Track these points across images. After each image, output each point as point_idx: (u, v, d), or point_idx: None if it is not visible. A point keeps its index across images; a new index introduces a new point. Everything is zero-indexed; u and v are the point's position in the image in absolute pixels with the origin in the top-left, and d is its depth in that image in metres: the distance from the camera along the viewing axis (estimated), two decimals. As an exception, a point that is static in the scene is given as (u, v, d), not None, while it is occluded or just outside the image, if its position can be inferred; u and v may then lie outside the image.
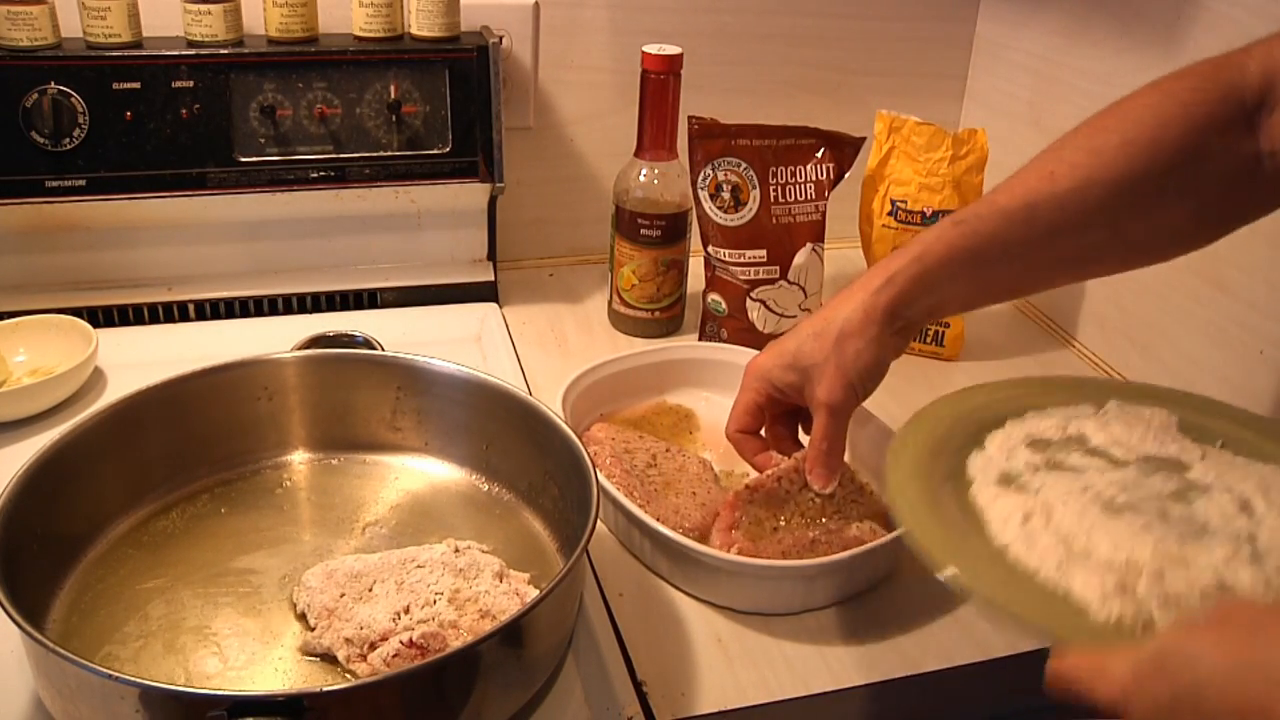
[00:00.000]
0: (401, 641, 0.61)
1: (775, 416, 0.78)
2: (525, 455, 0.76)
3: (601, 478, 0.72)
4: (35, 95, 0.91)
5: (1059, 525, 0.59)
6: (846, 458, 0.76)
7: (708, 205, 1.00)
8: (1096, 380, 0.79)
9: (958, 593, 0.57)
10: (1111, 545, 0.57)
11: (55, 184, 0.94)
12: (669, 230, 1.01)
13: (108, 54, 0.94)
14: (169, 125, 0.96)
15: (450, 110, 1.02)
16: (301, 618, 0.66)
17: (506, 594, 0.65)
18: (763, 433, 0.78)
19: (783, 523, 0.74)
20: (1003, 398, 0.72)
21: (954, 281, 0.70)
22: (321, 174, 1.01)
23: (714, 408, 0.93)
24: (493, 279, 1.10)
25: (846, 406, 0.71)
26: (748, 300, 1.01)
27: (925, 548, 0.57)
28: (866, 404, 0.75)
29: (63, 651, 0.52)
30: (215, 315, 1.03)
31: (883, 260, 0.71)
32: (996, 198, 0.70)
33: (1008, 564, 0.57)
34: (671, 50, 0.97)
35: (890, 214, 1.04)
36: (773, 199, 1.01)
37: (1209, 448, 0.66)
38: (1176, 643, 0.47)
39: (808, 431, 0.76)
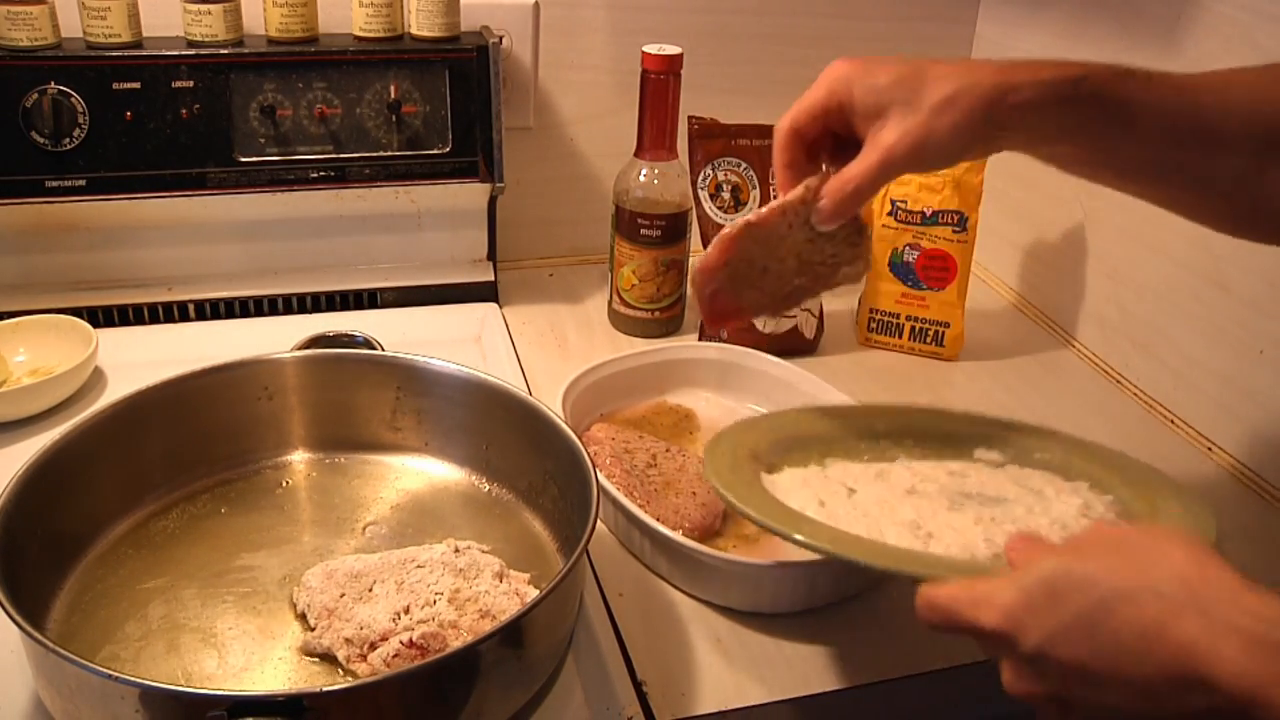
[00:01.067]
0: (401, 642, 0.61)
1: (820, 135, 0.68)
2: (525, 455, 0.76)
3: (601, 478, 0.72)
4: (35, 95, 0.91)
5: (860, 503, 0.66)
6: None
7: (708, 205, 1.00)
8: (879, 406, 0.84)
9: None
10: (915, 514, 0.65)
11: (55, 184, 0.94)
12: (669, 230, 1.01)
13: (108, 54, 0.94)
14: (169, 125, 0.96)
15: (450, 110, 1.02)
16: (301, 618, 0.66)
17: (506, 594, 0.65)
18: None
19: (773, 265, 0.70)
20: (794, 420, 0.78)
21: (1088, 124, 0.63)
22: (321, 174, 1.01)
23: (714, 408, 0.93)
24: (493, 279, 1.10)
25: (903, 165, 0.64)
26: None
27: (766, 517, 0.63)
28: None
29: (63, 651, 0.52)
30: (215, 315, 1.03)
31: (1035, 61, 0.64)
32: (1170, 75, 0.64)
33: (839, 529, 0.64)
34: (671, 50, 0.97)
35: (890, 214, 1.04)
36: (773, 199, 1.01)
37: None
38: (1066, 567, 0.49)
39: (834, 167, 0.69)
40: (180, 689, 0.56)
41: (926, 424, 0.77)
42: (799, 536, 0.61)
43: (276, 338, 0.94)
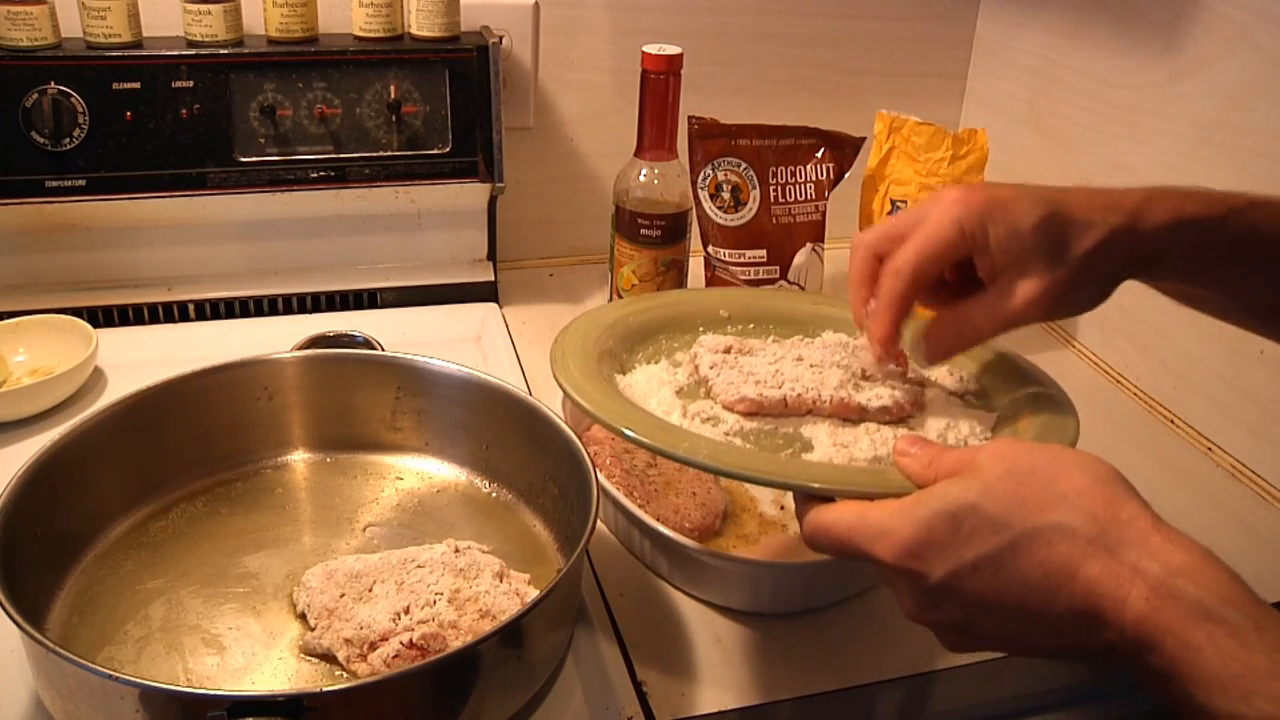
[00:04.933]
0: (402, 642, 0.61)
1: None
2: (525, 455, 0.76)
3: (601, 478, 0.72)
4: (35, 95, 0.91)
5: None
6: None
7: (708, 205, 1.00)
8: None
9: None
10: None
11: (55, 184, 0.94)
12: (669, 230, 1.01)
13: (108, 54, 0.94)
14: (169, 125, 0.96)
15: (450, 110, 1.02)
16: (301, 618, 0.66)
17: (506, 594, 0.65)
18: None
19: None
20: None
21: (1232, 261, 0.60)
22: (321, 174, 1.01)
23: (714, 408, 0.93)
24: (493, 279, 1.10)
25: (1038, 318, 0.59)
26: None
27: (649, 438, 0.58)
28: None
29: (63, 651, 0.52)
30: (215, 315, 1.03)
31: (1175, 193, 0.58)
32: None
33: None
34: (671, 50, 0.97)
35: (890, 214, 1.04)
36: (773, 199, 1.01)
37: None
38: (971, 503, 0.48)
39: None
40: (180, 689, 0.56)
41: (770, 306, 0.77)
42: (657, 445, 0.58)
43: (276, 338, 0.94)
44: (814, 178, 1.02)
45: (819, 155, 1.02)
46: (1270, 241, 0.60)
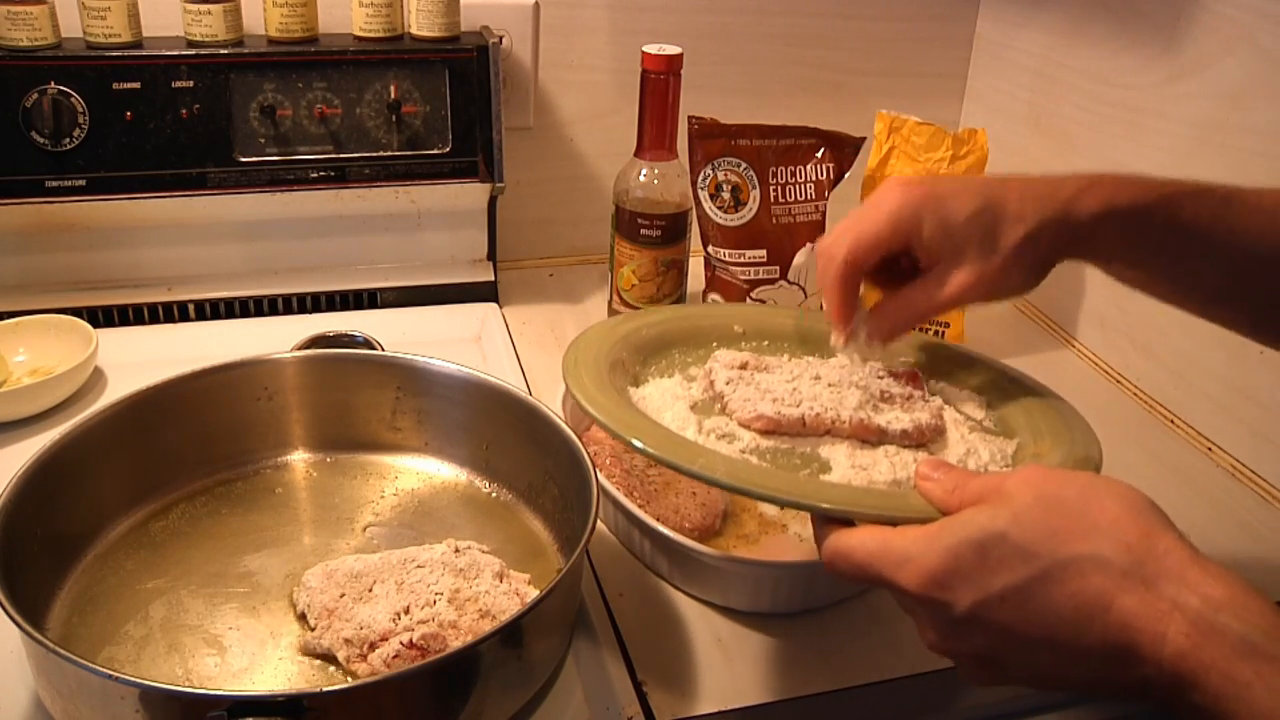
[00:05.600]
0: (402, 642, 0.61)
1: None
2: (525, 455, 0.76)
3: (601, 478, 0.72)
4: (35, 95, 0.91)
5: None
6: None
7: (708, 205, 1.00)
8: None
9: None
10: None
11: (55, 184, 0.94)
12: (669, 230, 1.01)
13: (108, 54, 0.94)
14: (169, 125, 0.96)
15: (450, 110, 1.02)
16: (301, 618, 0.66)
17: (506, 594, 0.65)
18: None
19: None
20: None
21: (1162, 250, 0.62)
22: (321, 174, 1.01)
23: (714, 408, 0.93)
24: (493, 279, 1.10)
25: (973, 302, 0.64)
26: (748, 300, 1.01)
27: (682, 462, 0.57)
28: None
29: (63, 651, 0.52)
30: (215, 315, 1.03)
31: (1110, 179, 0.61)
32: (1244, 194, 0.62)
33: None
34: (671, 50, 0.97)
35: (890, 214, 1.04)
36: (773, 199, 1.01)
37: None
38: (1000, 531, 0.46)
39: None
40: (180, 689, 0.56)
41: (785, 325, 0.77)
42: (672, 460, 0.57)
43: (276, 338, 0.94)
44: (814, 178, 1.02)
45: (819, 155, 1.02)
46: (1194, 232, 0.61)
